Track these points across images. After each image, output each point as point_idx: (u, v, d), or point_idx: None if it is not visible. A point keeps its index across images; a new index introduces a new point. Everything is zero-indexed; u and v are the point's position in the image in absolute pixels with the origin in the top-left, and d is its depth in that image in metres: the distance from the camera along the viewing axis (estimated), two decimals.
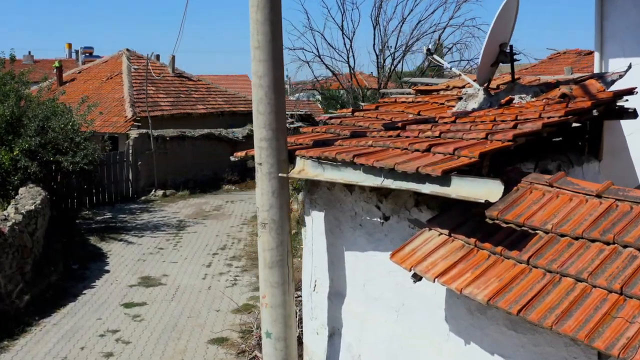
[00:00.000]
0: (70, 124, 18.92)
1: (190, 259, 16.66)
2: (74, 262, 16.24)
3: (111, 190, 24.10)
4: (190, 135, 27.05)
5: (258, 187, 6.65)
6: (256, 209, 6.87)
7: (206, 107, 30.72)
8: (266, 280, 6.71)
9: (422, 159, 5.61)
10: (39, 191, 16.34)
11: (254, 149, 6.68)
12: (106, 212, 22.45)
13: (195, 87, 32.15)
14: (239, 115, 32.46)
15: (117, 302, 13.52)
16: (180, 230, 19.84)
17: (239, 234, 19.43)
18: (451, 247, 5.31)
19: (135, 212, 22.50)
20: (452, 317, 5.69)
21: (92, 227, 20.22)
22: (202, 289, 14.35)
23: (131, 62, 30.68)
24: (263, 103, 6.39)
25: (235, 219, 21.42)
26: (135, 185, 24.83)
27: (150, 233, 19.45)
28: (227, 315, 12.77)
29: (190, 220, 21.24)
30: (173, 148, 26.43)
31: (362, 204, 6.61)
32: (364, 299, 6.73)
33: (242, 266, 16.00)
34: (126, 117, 26.29)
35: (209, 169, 28.14)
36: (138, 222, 21.00)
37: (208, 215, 21.96)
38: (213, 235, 19.28)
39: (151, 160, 25.02)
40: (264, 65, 6.34)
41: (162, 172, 25.52)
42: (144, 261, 16.54)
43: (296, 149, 6.67)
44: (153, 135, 25.19)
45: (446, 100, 8.21)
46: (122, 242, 18.39)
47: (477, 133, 6.04)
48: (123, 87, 28.34)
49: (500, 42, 7.60)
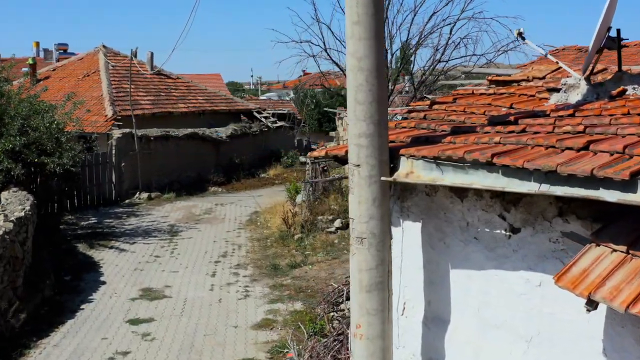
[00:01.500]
0: (55, 123, 17.41)
1: (192, 268, 15.31)
2: (65, 272, 14.78)
3: (93, 193, 22.54)
4: (174, 135, 25.61)
5: (354, 193, 5.43)
6: (350, 220, 5.63)
7: (187, 105, 29.29)
8: (362, 306, 5.48)
9: (584, 159, 4.47)
10: (25, 195, 14.85)
11: (349, 147, 5.46)
12: (90, 216, 20.91)
13: (174, 85, 30.68)
14: (221, 115, 31.10)
15: (121, 319, 12.12)
16: (174, 235, 18.44)
17: (238, 239, 18.10)
18: (634, 268, 4.19)
19: (121, 216, 21.00)
20: (613, 349, 4.57)
21: (78, 233, 18.70)
22: (212, 301, 13.02)
23: (108, 59, 29.07)
24: (363, 90, 5.18)
25: (230, 224, 20.08)
26: (118, 188, 23.30)
27: (141, 239, 18.01)
28: (247, 332, 11.47)
29: (182, 225, 19.84)
30: (157, 148, 24.97)
31: (477, 213, 5.44)
32: (478, 326, 5.56)
33: (250, 275, 14.70)
34: (106, 116, 24.73)
35: (193, 170, 26.74)
36: (126, 227, 19.52)
37: (200, 220, 20.58)
38: (210, 241, 17.93)
39: (135, 161, 23.52)
40: (365, 45, 5.14)
41: (146, 173, 24.04)
42: (142, 271, 15.14)
43: (397, 148, 5.47)
44: (137, 135, 23.69)
45: (537, 92, 7.09)
46: (113, 250, 16.93)
47: (636, 128, 4.92)
48: (102, 85, 26.75)
49: (607, 26, 6.50)
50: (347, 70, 5.34)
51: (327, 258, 15.46)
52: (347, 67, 5.34)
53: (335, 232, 17.24)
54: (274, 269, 15.01)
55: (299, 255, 15.90)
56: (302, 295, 13.11)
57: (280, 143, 33.30)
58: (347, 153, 5.62)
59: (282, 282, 14.06)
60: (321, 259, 15.41)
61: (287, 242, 17.13)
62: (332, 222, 17.47)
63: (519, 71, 9.71)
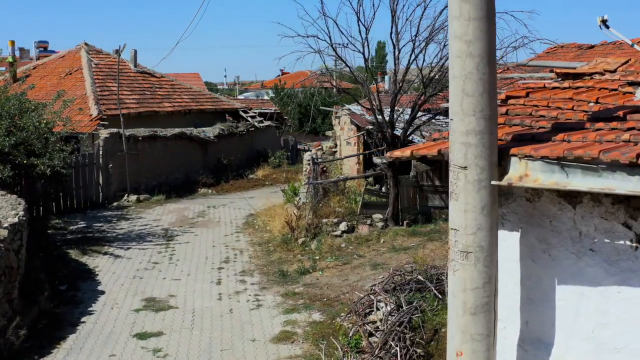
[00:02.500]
0: (44, 123, 16.38)
1: (195, 275, 14.41)
2: (60, 281, 13.80)
3: (80, 195, 21.46)
4: (162, 135, 24.62)
5: (458, 200, 4.63)
6: (450, 231, 4.83)
7: (173, 105, 28.29)
8: (465, 331, 4.69)
9: None
10: (17, 200, 13.80)
11: (451, 146, 4.67)
12: (78, 220, 19.85)
13: (159, 84, 29.65)
14: (207, 114, 30.15)
15: (128, 333, 11.19)
16: (170, 240, 17.48)
17: (237, 244, 17.22)
18: None
19: (111, 220, 19.97)
20: None
21: (68, 238, 17.66)
22: (222, 312, 12.14)
23: (91, 57, 27.95)
24: (472, 80, 4.39)
25: (227, 227, 19.17)
26: (106, 190, 22.24)
27: (136, 244, 17.04)
28: (267, 346, 10.61)
29: (177, 228, 18.88)
30: (144, 149, 23.96)
31: (595, 221, 4.68)
32: (592, 349, 4.81)
33: (257, 283, 13.84)
34: (91, 115, 23.65)
35: (181, 171, 25.80)
36: (118, 231, 18.51)
37: (194, 223, 19.63)
38: (209, 246, 17.02)
39: (123, 162, 22.49)
40: (476, 26, 4.36)
41: (134, 175, 23.03)
42: (141, 279, 14.20)
43: (505, 147, 4.69)
44: (125, 135, 22.66)
45: (619, 85, 6.37)
46: (108, 256, 15.95)
47: None
48: (85, 84, 25.64)
49: None
50: (452, 57, 4.54)
51: (337, 263, 14.65)
52: (452, 53, 4.54)
53: (341, 235, 16.44)
54: (282, 275, 14.17)
55: (306, 261, 15.08)
56: (318, 304, 12.28)
57: (266, 143, 32.43)
58: (440, 153, 4.83)
59: (294, 289, 13.22)
60: (331, 265, 14.59)
61: (291, 246, 16.30)
62: (337, 226, 16.66)
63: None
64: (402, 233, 16.32)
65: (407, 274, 11.34)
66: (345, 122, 21.96)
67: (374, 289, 11.00)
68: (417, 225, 17.03)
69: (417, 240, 15.77)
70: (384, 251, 15.26)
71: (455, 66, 4.57)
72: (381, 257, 14.84)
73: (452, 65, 4.63)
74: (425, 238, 15.89)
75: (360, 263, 14.46)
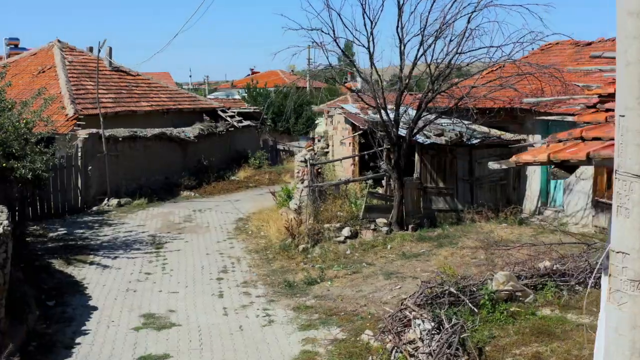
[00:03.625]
0: (24, 122, 14.96)
1: (193, 287, 13.17)
2: (47, 296, 12.46)
3: (58, 200, 19.98)
4: (142, 136, 23.21)
5: (631, 216, 3.54)
6: (613, 254, 3.73)
7: (151, 104, 26.89)
8: None
9: None
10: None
11: (619, 149, 3.58)
12: (57, 226, 18.41)
13: (135, 83, 28.21)
14: (185, 113, 28.80)
15: (130, 356, 9.90)
16: (159, 248, 16.19)
17: (232, 251, 16.00)
18: None
19: (92, 226, 18.57)
20: None
21: (49, 246, 16.25)
22: (231, 330, 10.91)
23: (64, 54, 26.38)
24: None
25: (217, 233, 17.92)
26: (85, 194, 20.79)
27: (123, 253, 15.72)
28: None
29: (165, 235, 17.57)
30: (124, 150, 22.55)
31: None
32: None
33: (264, 295, 12.64)
34: (67, 115, 22.15)
35: (161, 173, 24.46)
36: (102, 238, 17.15)
37: (182, 229, 18.34)
38: (202, 253, 15.77)
39: (103, 164, 21.06)
40: None
41: (114, 177, 21.62)
42: (135, 292, 12.92)
43: None
44: (105, 135, 21.23)
45: None
46: (95, 266, 14.62)
47: None
48: (59, 82, 24.08)
49: None
50: (625, 39, 3.46)
51: (346, 272, 13.54)
52: (625, 34, 3.46)
53: (344, 241, 15.34)
54: (288, 286, 13.00)
55: (311, 269, 13.94)
56: (335, 319, 11.13)
57: (246, 143, 31.18)
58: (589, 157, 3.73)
59: (305, 302, 12.06)
60: (340, 274, 13.48)
61: (291, 253, 15.14)
62: (340, 231, 15.56)
63: None
64: (409, 238, 15.29)
65: (438, 286, 10.27)
66: (339, 121, 20.85)
67: (405, 304, 9.92)
68: (422, 229, 16.02)
69: (427, 246, 14.76)
70: (393, 258, 14.22)
71: (630, 50, 3.49)
72: (392, 265, 13.78)
73: (623, 50, 3.55)
74: (434, 244, 14.90)
75: (372, 272, 13.37)
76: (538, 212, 17.39)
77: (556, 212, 16.89)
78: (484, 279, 10.71)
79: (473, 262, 13.43)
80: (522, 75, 15.09)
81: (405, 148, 15.69)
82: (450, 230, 15.96)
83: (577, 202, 16.25)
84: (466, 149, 17.09)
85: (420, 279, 12.64)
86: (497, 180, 17.55)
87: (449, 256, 14.00)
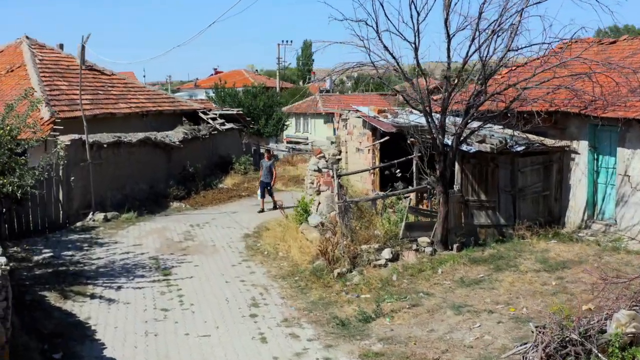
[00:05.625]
0: (8, 130, 12.30)
1: (225, 328, 10.73)
2: (50, 345, 9.89)
3: (37, 215, 17.18)
4: (127, 141, 20.52)
5: None
6: None
7: (129, 106, 24.15)
8: None
9: None
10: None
11: None
12: (41, 247, 15.69)
13: (111, 83, 25.40)
14: (165, 116, 26.17)
15: None
16: (167, 275, 13.65)
17: (254, 277, 13.57)
18: None
19: (81, 246, 15.88)
20: None
21: (36, 273, 13.58)
22: None
23: (34, 52, 23.45)
24: None
25: (227, 253, 15.45)
26: (67, 208, 18.00)
27: (127, 281, 13.18)
28: None
29: (168, 257, 15.04)
30: (108, 157, 19.85)
31: None
32: None
33: (316, 338, 10.26)
34: (42, 119, 19.31)
35: (145, 182, 21.83)
36: (96, 262, 14.50)
37: (186, 249, 15.80)
38: (219, 280, 13.32)
39: (86, 174, 18.33)
40: None
41: (98, 188, 18.90)
42: (156, 336, 10.44)
43: None
44: (89, 142, 18.51)
45: None
46: (98, 301, 12.05)
47: None
48: (31, 82, 21.17)
49: None
50: None
51: (403, 305, 11.28)
52: None
53: (385, 265, 13.11)
54: (341, 325, 10.67)
55: (357, 301, 11.69)
56: None
57: (229, 147, 28.68)
58: None
59: (370, 348, 9.75)
60: (396, 307, 11.20)
61: (326, 280, 12.83)
62: (380, 253, 13.32)
63: None
64: (459, 260, 13.17)
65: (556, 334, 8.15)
66: (355, 125, 18.52)
67: (525, 357, 7.77)
68: (468, 248, 13.92)
69: (483, 271, 12.66)
70: (450, 286, 12.05)
71: None
72: (454, 294, 11.61)
73: None
74: (490, 267, 12.82)
75: (435, 304, 11.17)
76: (585, 225, 15.45)
77: (607, 226, 14.98)
78: (600, 319, 8.67)
79: (546, 290, 11.40)
80: (585, 75, 13.11)
81: (451, 157, 13.56)
82: (500, 249, 13.90)
83: (633, 215, 14.36)
84: (508, 157, 15.06)
85: (496, 312, 10.61)
86: (540, 191, 15.56)
87: (515, 282, 11.95)
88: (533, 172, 15.47)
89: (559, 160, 15.85)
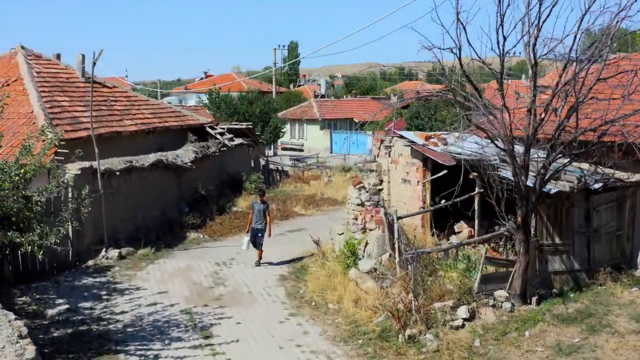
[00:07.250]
0: (23, 173, 10.20)
1: None
2: None
3: (44, 253, 14.97)
4: (139, 166, 18.42)
5: None
6: None
7: (135, 122, 22.02)
8: None
9: None
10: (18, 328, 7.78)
11: None
12: (53, 294, 13.58)
13: (114, 97, 23.23)
14: (172, 132, 24.03)
15: None
16: (207, 336, 11.59)
17: (309, 339, 11.53)
18: None
19: (99, 294, 13.78)
20: None
21: (54, 336, 11.45)
22: None
23: (31, 64, 21.23)
24: None
25: (268, 304, 13.43)
26: (77, 244, 15.86)
27: (162, 347, 11.09)
28: None
29: (201, 310, 12.99)
30: (120, 186, 17.74)
31: None
32: None
33: None
34: (44, 141, 17.09)
35: (156, 207, 19.78)
36: (120, 318, 12.41)
37: (220, 298, 13.76)
38: (271, 344, 11.29)
39: (98, 206, 16.18)
40: None
41: (110, 220, 16.80)
42: None
43: None
44: (100, 169, 16.40)
45: None
46: None
47: None
48: (29, 98, 19.04)
49: None
50: None
51: None
52: None
53: (462, 325, 11.24)
54: None
55: None
56: None
57: (237, 164, 26.68)
58: None
59: None
60: None
61: (396, 343, 10.91)
62: (455, 311, 11.45)
63: None
64: (543, 319, 11.36)
65: None
66: (401, 153, 16.55)
67: None
68: (546, 301, 12.11)
69: (577, 333, 10.88)
70: (547, 356, 10.22)
71: None
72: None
73: None
74: (583, 328, 11.05)
75: None
76: None
77: None
78: None
79: None
80: None
81: (534, 202, 11.70)
82: (583, 302, 12.12)
83: None
84: (582, 195, 13.26)
85: None
86: (614, 231, 13.80)
87: (618, 349, 10.18)
88: (607, 210, 13.71)
89: (631, 196, 14.10)
